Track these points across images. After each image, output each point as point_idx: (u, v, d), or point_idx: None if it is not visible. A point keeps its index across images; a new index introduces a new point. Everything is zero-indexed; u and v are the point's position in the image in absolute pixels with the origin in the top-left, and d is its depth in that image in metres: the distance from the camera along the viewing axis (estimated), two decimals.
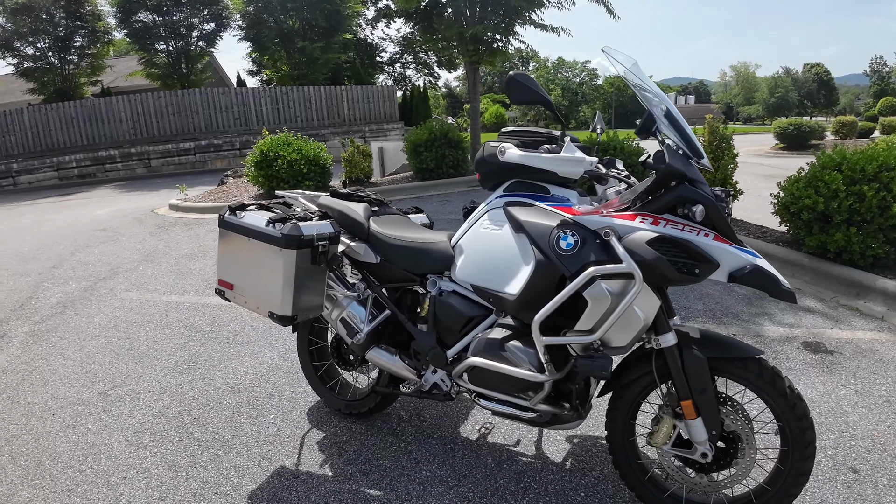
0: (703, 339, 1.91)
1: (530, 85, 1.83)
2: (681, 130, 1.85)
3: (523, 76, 1.85)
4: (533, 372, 1.93)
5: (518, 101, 1.86)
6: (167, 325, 4.14)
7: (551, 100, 1.87)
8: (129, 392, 3.16)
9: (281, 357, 3.49)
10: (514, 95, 1.86)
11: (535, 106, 60.90)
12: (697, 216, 1.73)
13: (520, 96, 1.85)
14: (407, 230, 2.40)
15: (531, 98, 1.83)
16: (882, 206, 4.42)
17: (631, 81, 1.95)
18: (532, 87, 1.83)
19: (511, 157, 1.89)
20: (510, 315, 2.06)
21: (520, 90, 1.84)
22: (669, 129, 1.85)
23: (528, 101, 1.84)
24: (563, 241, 1.82)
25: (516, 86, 1.85)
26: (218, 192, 10.25)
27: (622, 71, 1.94)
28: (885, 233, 4.48)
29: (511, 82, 1.86)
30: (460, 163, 9.87)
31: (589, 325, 1.81)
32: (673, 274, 1.74)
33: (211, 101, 17.37)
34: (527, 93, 1.84)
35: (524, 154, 1.88)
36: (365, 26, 27.34)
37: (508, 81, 1.86)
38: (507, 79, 1.86)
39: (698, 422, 1.88)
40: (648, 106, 1.90)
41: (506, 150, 1.89)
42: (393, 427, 2.71)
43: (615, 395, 2.08)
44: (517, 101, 1.86)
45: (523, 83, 1.84)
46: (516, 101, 1.86)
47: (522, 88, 1.84)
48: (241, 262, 2.35)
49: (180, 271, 5.57)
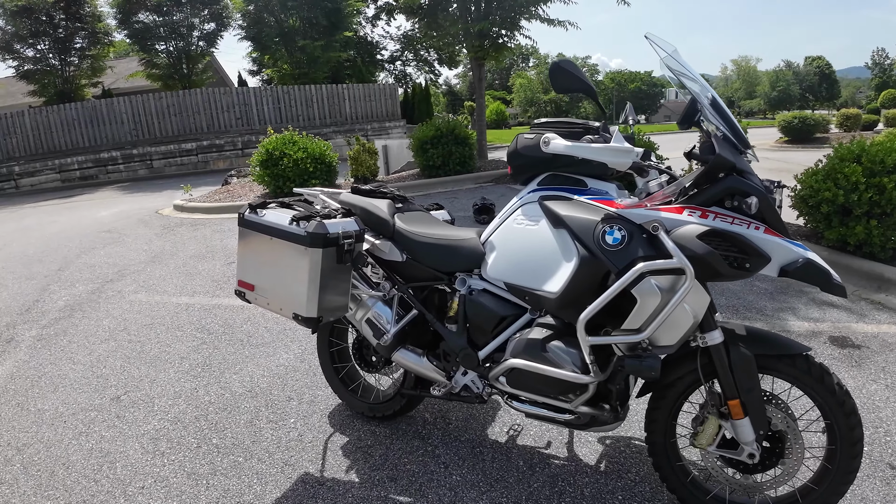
0: (749, 336, 1.85)
1: (575, 72, 1.76)
2: (727, 119, 1.78)
3: (567, 62, 1.77)
4: (577, 373, 1.84)
5: (562, 88, 1.79)
6: (178, 327, 4.06)
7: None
8: (143, 397, 3.07)
9: (297, 359, 3.41)
10: (558, 83, 1.78)
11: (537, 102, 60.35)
12: (753, 209, 1.65)
13: (564, 84, 1.77)
14: (433, 227, 2.32)
15: (576, 86, 1.76)
16: None
17: (672, 68, 1.87)
18: (577, 75, 1.75)
19: (556, 148, 1.79)
20: (550, 314, 1.97)
21: (564, 77, 1.77)
22: (716, 118, 1.76)
23: (572, 88, 1.76)
24: (610, 236, 1.74)
25: (561, 73, 1.77)
26: (222, 193, 10.16)
27: (663, 56, 1.85)
28: None
29: (556, 69, 1.78)
30: (467, 159, 9.77)
31: (637, 324, 1.73)
32: (724, 269, 1.67)
33: (212, 102, 17.29)
34: (572, 80, 1.77)
35: (572, 144, 1.79)
36: (365, 24, 27.25)
37: (553, 69, 1.78)
38: (552, 66, 1.77)
39: (745, 422, 1.81)
40: (693, 95, 1.81)
41: (550, 141, 1.79)
42: (418, 430, 2.62)
43: (656, 395, 2.01)
44: (561, 89, 1.78)
45: (568, 70, 1.76)
46: (560, 88, 1.78)
47: (567, 76, 1.77)
48: (262, 262, 2.26)
49: (189, 272, 5.48)
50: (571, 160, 1.89)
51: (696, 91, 1.82)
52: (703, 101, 1.79)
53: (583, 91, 1.77)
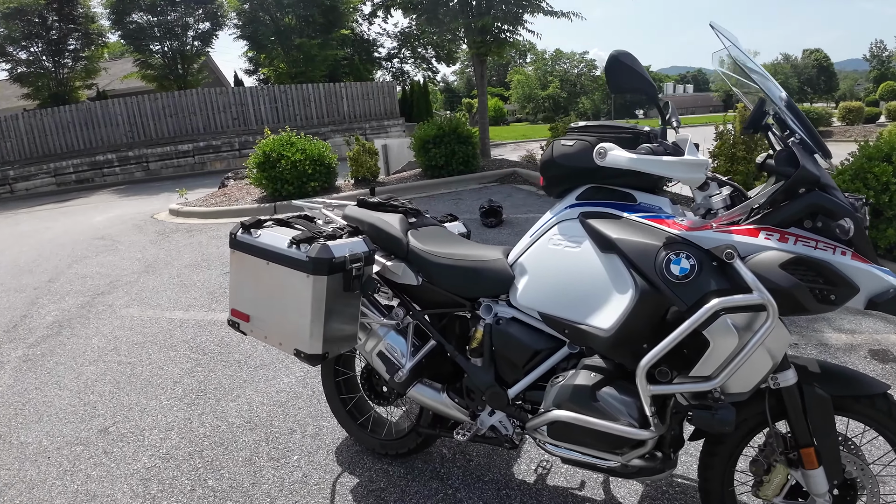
0: (823, 374, 1.60)
1: (636, 67, 1.48)
2: (805, 123, 1.50)
3: (627, 55, 1.49)
4: (635, 427, 1.57)
5: (618, 87, 1.51)
6: (171, 346, 3.80)
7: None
8: (133, 429, 2.81)
9: (299, 383, 3.15)
10: (615, 80, 1.51)
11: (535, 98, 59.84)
12: (849, 232, 1.39)
13: (621, 81, 1.50)
14: (453, 245, 2.05)
15: (636, 84, 1.49)
16: None
17: (741, 62, 1.60)
18: (639, 71, 1.48)
19: (616, 161, 1.50)
20: (598, 354, 1.70)
21: (623, 74, 1.50)
22: (794, 121, 1.49)
23: (631, 87, 1.49)
24: (676, 265, 1.46)
25: (619, 68, 1.50)
26: (219, 196, 9.88)
27: (727, 45, 1.59)
28: None
29: (615, 64, 1.50)
30: (471, 159, 9.49)
31: (709, 371, 1.45)
32: (812, 304, 1.40)
33: (208, 102, 16.97)
34: (632, 77, 1.50)
35: (637, 157, 1.48)
36: (362, 22, 26.93)
37: (611, 63, 1.50)
38: (610, 59, 1.50)
39: (819, 471, 1.56)
40: (764, 92, 1.54)
41: (607, 152, 1.50)
42: (436, 469, 2.36)
43: (713, 440, 1.75)
44: (617, 88, 1.50)
45: (628, 65, 1.49)
46: (617, 86, 1.51)
47: (627, 72, 1.50)
48: (258, 289, 2.00)
49: (183, 283, 5.22)
50: (621, 171, 1.62)
51: (769, 89, 1.54)
52: (777, 102, 1.52)
53: (642, 91, 1.50)
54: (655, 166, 1.47)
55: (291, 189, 8.71)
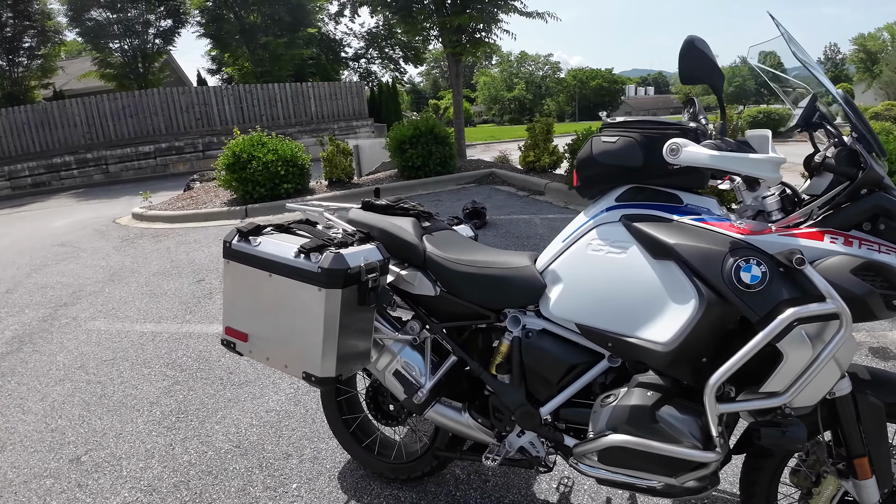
0: (874, 381, 1.52)
1: (710, 54, 1.35)
2: (864, 122, 1.40)
3: (702, 41, 1.36)
4: (699, 450, 1.42)
5: (690, 74, 1.38)
6: (145, 362, 3.51)
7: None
8: (108, 457, 2.55)
9: (290, 401, 2.92)
10: (688, 67, 1.37)
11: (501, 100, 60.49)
12: None
13: (695, 69, 1.37)
14: (474, 251, 1.88)
15: (708, 72, 1.36)
16: None
17: (799, 54, 1.48)
18: (713, 59, 1.35)
19: (695, 158, 1.35)
20: (652, 370, 1.55)
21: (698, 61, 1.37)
22: (855, 118, 1.39)
23: (702, 75, 1.36)
24: (746, 273, 1.33)
25: (695, 55, 1.36)
26: (185, 199, 9.47)
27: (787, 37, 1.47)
28: None
29: (690, 49, 1.37)
30: (448, 160, 9.33)
31: (783, 385, 1.33)
32: (882, 311, 1.32)
33: (170, 102, 16.35)
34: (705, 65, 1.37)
35: (721, 155, 1.34)
36: (328, 21, 26.52)
37: (687, 47, 1.37)
38: (686, 43, 1.36)
39: (872, 481, 1.49)
40: (826, 87, 1.44)
41: (681, 148, 1.35)
42: (451, 492, 2.18)
43: (760, 454, 1.63)
44: (689, 76, 1.37)
45: (704, 52, 1.35)
46: (689, 74, 1.37)
47: (702, 59, 1.37)
48: (259, 305, 1.78)
49: (153, 293, 4.90)
50: (666, 171, 1.48)
51: (827, 84, 1.43)
52: (839, 98, 1.41)
53: (711, 81, 1.37)
54: (740, 164, 1.33)
55: (263, 191, 8.40)
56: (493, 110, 68.55)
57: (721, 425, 1.43)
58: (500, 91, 67.79)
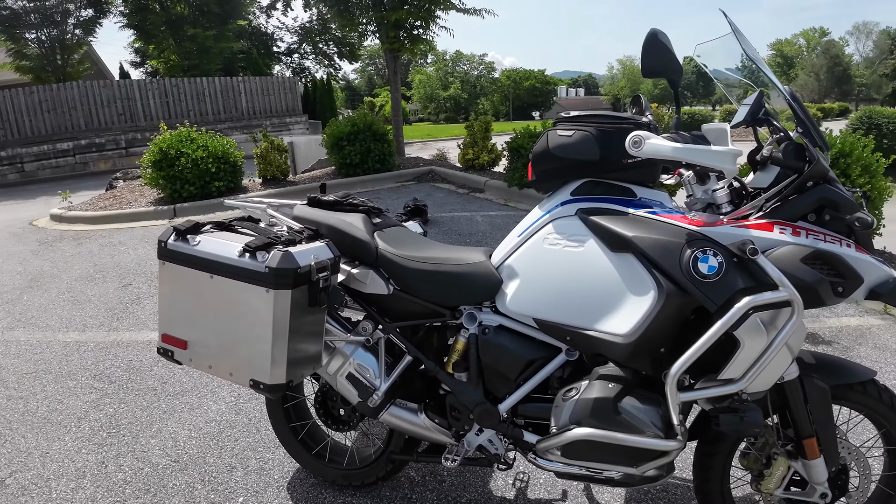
0: (819, 365, 1.62)
1: (671, 48, 1.37)
2: (808, 118, 1.46)
3: (664, 35, 1.38)
4: (662, 439, 1.45)
5: (652, 67, 1.39)
6: (70, 375, 3.25)
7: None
8: (36, 479, 2.33)
9: (231, 410, 2.77)
10: (651, 60, 1.39)
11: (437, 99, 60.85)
12: (869, 224, 1.37)
13: (657, 62, 1.39)
14: (427, 248, 1.83)
15: (669, 65, 1.38)
16: None
17: (749, 52, 1.53)
18: (673, 52, 1.37)
19: (657, 150, 1.36)
20: (612, 362, 1.56)
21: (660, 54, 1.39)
22: (802, 114, 1.45)
23: (665, 71, 1.38)
24: (704, 264, 1.36)
25: (657, 47, 1.38)
26: (108, 199, 8.90)
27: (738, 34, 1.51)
28: None
29: (654, 41, 1.38)
30: (387, 157, 9.20)
31: (740, 372, 1.37)
32: (829, 298, 1.39)
33: (91, 96, 15.31)
34: (667, 59, 1.40)
35: (684, 147, 1.36)
36: (259, 14, 25.71)
37: (650, 40, 1.39)
38: (649, 35, 1.38)
39: (820, 461, 1.58)
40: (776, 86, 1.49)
41: (643, 141, 1.36)
42: (407, 495, 2.12)
43: (713, 440, 1.69)
44: (651, 68, 1.39)
45: (667, 46, 1.37)
46: (651, 67, 1.39)
47: (664, 53, 1.39)
48: (200, 309, 1.66)
49: (76, 299, 4.56)
50: (621, 164, 1.49)
51: (774, 80, 1.49)
52: (786, 94, 1.47)
53: (670, 75, 1.39)
54: (702, 156, 1.36)
55: (193, 190, 8.01)
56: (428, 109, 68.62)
57: (681, 414, 1.45)
58: (436, 90, 67.95)
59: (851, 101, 51.86)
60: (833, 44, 59.63)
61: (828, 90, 54.94)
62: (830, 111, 35.44)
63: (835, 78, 55.60)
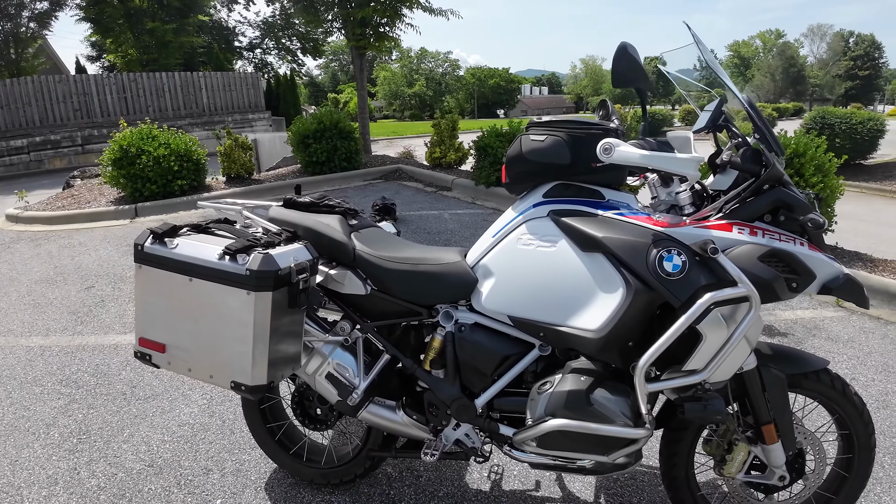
0: (775, 355, 1.73)
1: (640, 60, 1.45)
2: (765, 124, 1.56)
3: (633, 47, 1.46)
4: (631, 427, 1.54)
5: (623, 78, 1.48)
6: (35, 380, 3.17)
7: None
8: (5, 487, 2.28)
9: (204, 412, 2.76)
10: (621, 70, 1.47)
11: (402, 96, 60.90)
12: (820, 225, 1.48)
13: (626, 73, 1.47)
14: (403, 248, 1.88)
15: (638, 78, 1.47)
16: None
17: (711, 63, 1.63)
18: (641, 66, 1.46)
19: (626, 157, 1.45)
20: (584, 356, 1.63)
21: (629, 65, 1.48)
22: (759, 121, 1.55)
23: (634, 81, 1.47)
24: (669, 262, 1.46)
25: (626, 59, 1.46)
26: (66, 198, 8.62)
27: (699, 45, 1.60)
28: None
29: (623, 53, 1.46)
30: (353, 155, 9.17)
31: (703, 363, 1.47)
32: (784, 293, 1.50)
33: (46, 91, 14.76)
34: (635, 70, 1.48)
35: (650, 154, 1.45)
36: (221, 8, 25.16)
37: (620, 53, 1.47)
38: (619, 49, 1.46)
39: (777, 445, 1.69)
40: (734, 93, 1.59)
41: (613, 148, 1.44)
42: (385, 492, 2.17)
43: (677, 428, 1.80)
44: (621, 80, 1.48)
45: (635, 59, 1.46)
46: (621, 78, 1.48)
47: (632, 65, 1.48)
48: (178, 312, 1.66)
49: (37, 303, 4.43)
50: (592, 168, 1.56)
51: (734, 88, 1.58)
52: (744, 102, 1.57)
53: (639, 85, 1.48)
54: (668, 163, 1.45)
55: (155, 188, 7.84)
56: (393, 106, 68.36)
57: (649, 404, 1.54)
58: (401, 87, 67.72)
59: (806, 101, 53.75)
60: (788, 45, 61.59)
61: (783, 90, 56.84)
62: (785, 111, 36.69)
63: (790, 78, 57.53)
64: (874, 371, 3.10)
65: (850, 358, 3.26)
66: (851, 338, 3.53)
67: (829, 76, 59.38)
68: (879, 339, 3.51)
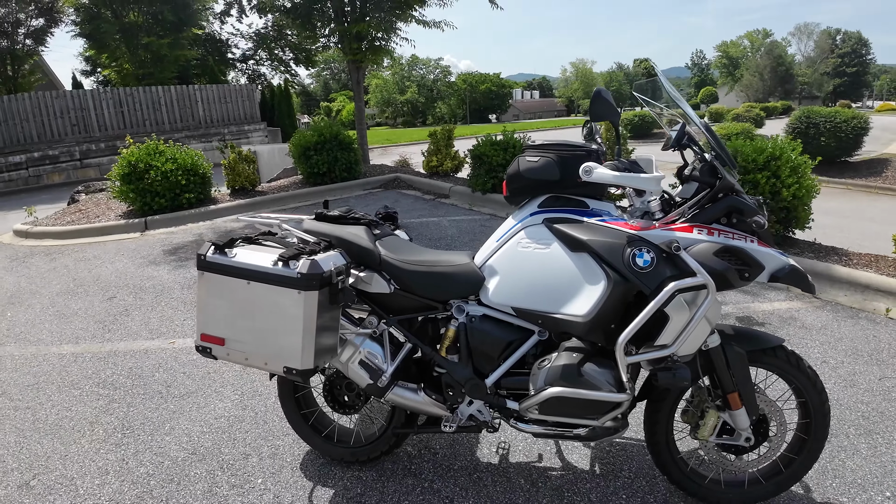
0: (736, 335, 2.04)
1: (612, 102, 1.86)
2: (719, 143, 1.90)
3: (607, 91, 1.87)
4: (615, 392, 1.88)
5: (598, 113, 1.85)
6: (73, 384, 3.45)
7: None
8: (60, 479, 2.56)
9: (237, 406, 3.05)
10: (597, 108, 1.85)
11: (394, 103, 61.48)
12: (764, 226, 1.82)
13: (601, 110, 1.86)
14: (419, 253, 2.20)
15: (611, 115, 1.86)
16: (773, 191, 4.96)
17: (672, 95, 1.98)
18: (614, 106, 1.87)
19: (603, 178, 1.81)
20: (575, 337, 1.96)
21: (603, 105, 1.86)
22: (712, 140, 1.88)
23: (608, 117, 1.84)
24: (640, 259, 1.80)
25: (601, 102, 1.86)
26: (73, 212, 8.88)
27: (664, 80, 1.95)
28: (776, 214, 5.04)
29: (598, 97, 1.86)
30: (353, 165, 9.48)
31: (670, 340, 1.80)
32: (736, 281, 1.83)
33: (43, 107, 15.01)
34: (608, 109, 1.86)
35: (621, 175, 1.81)
36: (213, 20, 25.46)
37: (596, 96, 1.87)
38: (596, 93, 1.86)
39: (742, 411, 2.00)
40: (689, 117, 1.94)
41: (592, 170, 1.80)
42: (407, 466, 2.47)
43: (657, 398, 2.11)
44: (597, 114, 1.83)
45: (608, 100, 1.86)
46: (597, 113, 1.83)
47: (606, 104, 1.86)
48: (236, 310, 1.98)
49: (62, 313, 4.70)
50: (583, 183, 1.88)
51: (690, 114, 1.92)
52: (699, 124, 1.90)
53: (612, 119, 1.86)
54: (635, 181, 1.79)
55: (164, 202, 8.12)
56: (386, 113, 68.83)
57: (628, 374, 1.87)
58: (393, 94, 68.22)
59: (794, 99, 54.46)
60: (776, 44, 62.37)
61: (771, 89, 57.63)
62: (774, 110, 37.16)
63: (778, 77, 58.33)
64: (843, 354, 3.42)
65: (821, 343, 3.57)
66: (824, 325, 3.85)
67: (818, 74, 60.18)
68: (850, 326, 3.84)
